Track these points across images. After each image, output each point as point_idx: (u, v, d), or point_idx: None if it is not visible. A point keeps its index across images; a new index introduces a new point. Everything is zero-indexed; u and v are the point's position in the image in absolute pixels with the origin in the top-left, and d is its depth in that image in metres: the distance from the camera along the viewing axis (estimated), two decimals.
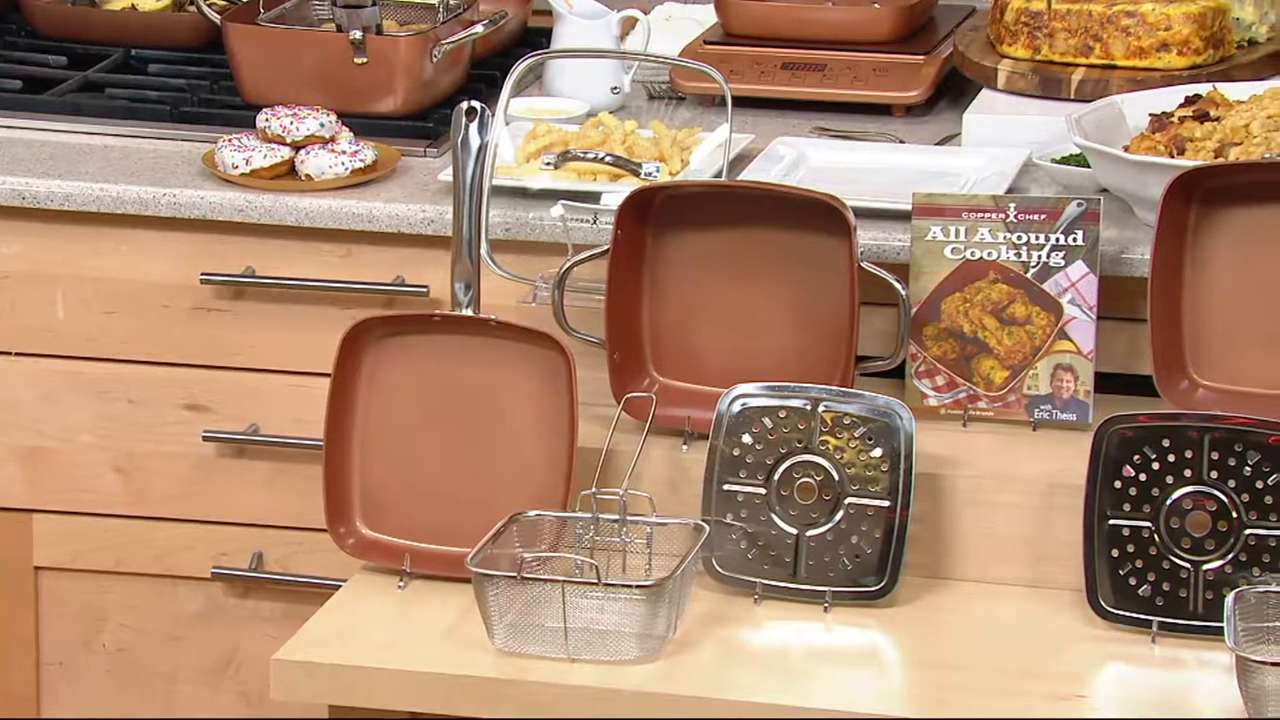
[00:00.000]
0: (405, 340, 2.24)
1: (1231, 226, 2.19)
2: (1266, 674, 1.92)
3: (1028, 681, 2.02)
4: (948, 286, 2.28)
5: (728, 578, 2.17)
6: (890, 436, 2.14)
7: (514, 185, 2.45)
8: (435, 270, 2.43)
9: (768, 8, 2.76)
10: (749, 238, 2.27)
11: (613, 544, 2.14)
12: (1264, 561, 2.06)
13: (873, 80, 2.64)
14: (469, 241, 2.22)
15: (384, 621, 2.14)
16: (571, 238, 2.35)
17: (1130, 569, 2.09)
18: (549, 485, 2.18)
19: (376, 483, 2.24)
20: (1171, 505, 2.08)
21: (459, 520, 2.19)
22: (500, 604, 2.06)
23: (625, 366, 2.29)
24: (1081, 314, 2.25)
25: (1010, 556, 2.17)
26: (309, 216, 2.47)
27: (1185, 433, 2.08)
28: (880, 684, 2.06)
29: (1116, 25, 2.53)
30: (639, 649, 2.05)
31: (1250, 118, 2.31)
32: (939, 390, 2.29)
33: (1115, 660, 2.06)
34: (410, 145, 2.59)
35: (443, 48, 2.64)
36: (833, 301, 2.24)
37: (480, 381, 2.22)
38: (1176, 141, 2.32)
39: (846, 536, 2.15)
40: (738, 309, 2.27)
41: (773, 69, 2.67)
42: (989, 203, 2.27)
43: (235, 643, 2.56)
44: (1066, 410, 2.26)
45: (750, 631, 2.11)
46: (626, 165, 2.44)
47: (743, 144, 2.51)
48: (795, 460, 2.16)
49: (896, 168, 2.47)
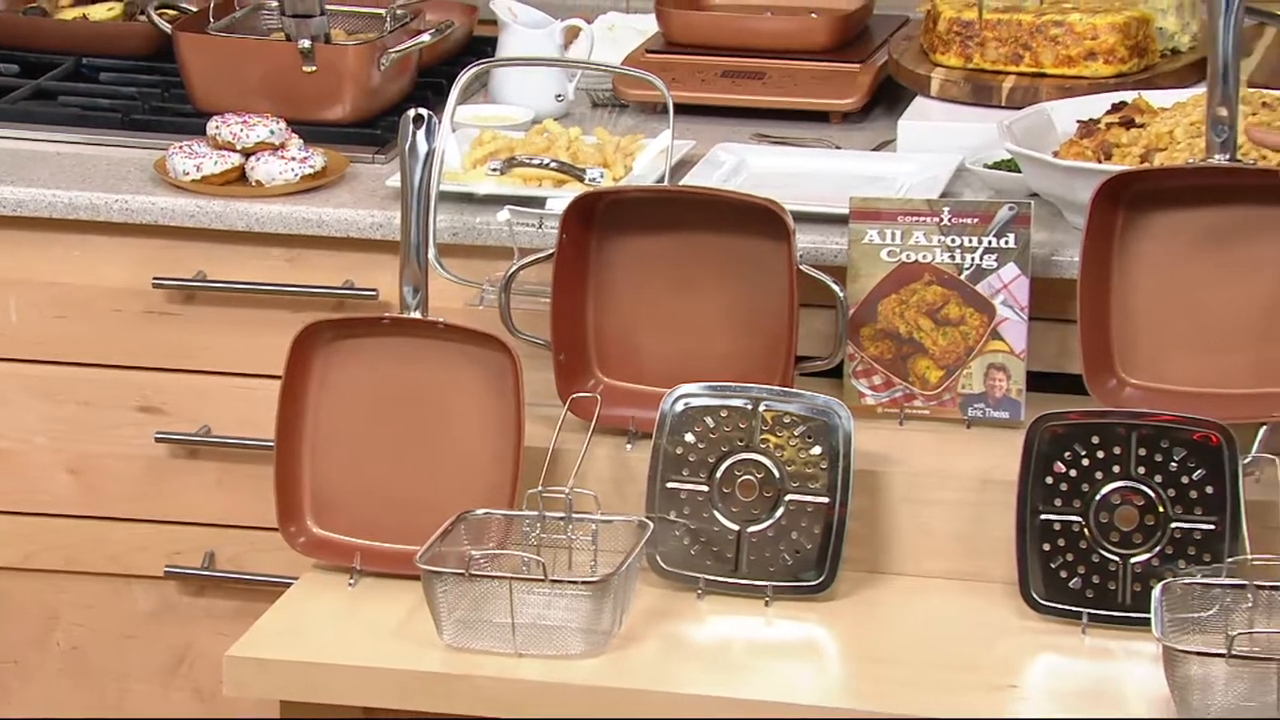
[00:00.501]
0: (355, 343, 2.23)
1: (1157, 229, 2.21)
2: (1192, 663, 1.93)
3: (962, 672, 2.03)
4: (884, 288, 2.29)
5: (671, 573, 2.17)
6: (829, 435, 2.15)
7: (461, 191, 2.45)
8: (384, 274, 2.42)
9: (708, 18, 2.77)
10: (691, 241, 2.27)
11: (559, 541, 2.14)
12: (1189, 554, 2.08)
13: (810, 88, 2.65)
14: (417, 246, 2.22)
15: (335, 618, 2.14)
16: (517, 242, 2.35)
17: (1061, 562, 2.10)
18: (496, 484, 2.18)
19: (327, 482, 2.23)
20: (1101, 500, 2.10)
21: (408, 519, 2.18)
22: (449, 600, 2.06)
23: (570, 367, 2.29)
24: (1013, 315, 2.26)
25: (945, 551, 2.18)
26: (259, 222, 2.46)
27: (1114, 430, 2.10)
28: (819, 676, 2.07)
29: (1045, 35, 2.54)
30: (585, 643, 2.06)
31: (1174, 124, 2.33)
32: (876, 389, 2.30)
33: (1046, 651, 2.07)
34: (359, 152, 2.58)
35: (390, 56, 2.63)
36: (772, 303, 2.24)
37: (428, 383, 2.21)
38: (1104, 147, 2.34)
39: (787, 532, 2.15)
40: (680, 311, 2.27)
41: (713, 77, 2.67)
42: (923, 207, 2.28)
43: (188, 640, 2.55)
44: (999, 408, 2.28)
45: (693, 626, 2.12)
46: (571, 171, 2.45)
47: (684, 150, 2.51)
48: (737, 458, 2.17)
49: (834, 173, 2.48)
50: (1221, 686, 1.92)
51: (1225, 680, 1.92)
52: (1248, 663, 1.92)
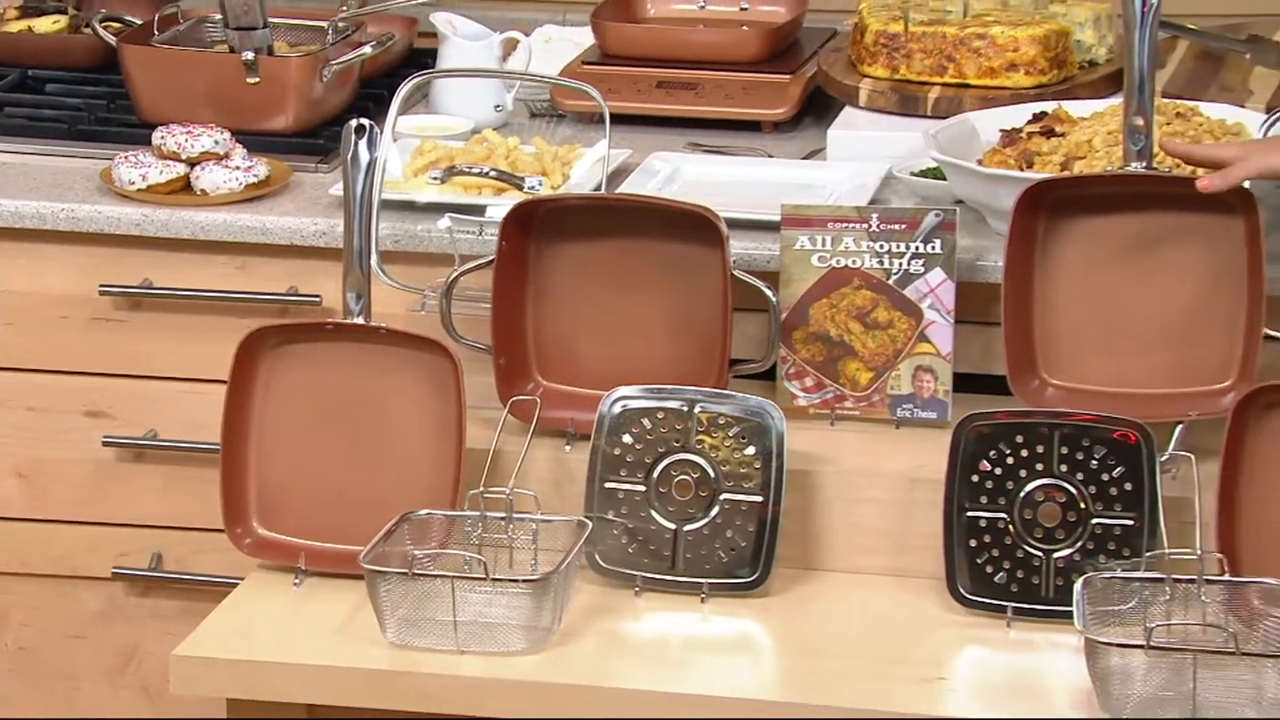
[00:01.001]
0: (299, 348, 2.23)
1: (1077, 235, 2.22)
2: (1112, 654, 1.95)
3: (892, 665, 2.04)
4: (815, 293, 2.30)
5: (609, 571, 2.18)
6: (762, 435, 2.16)
7: (402, 199, 2.44)
8: (327, 280, 2.42)
9: (642, 30, 2.78)
10: (627, 248, 2.28)
11: (500, 541, 2.14)
12: (1110, 549, 2.09)
13: (742, 98, 2.66)
14: (359, 253, 2.21)
15: (280, 617, 2.13)
16: (458, 249, 2.35)
17: (987, 558, 2.12)
18: (438, 485, 2.18)
19: (272, 484, 2.23)
20: (1025, 497, 2.11)
21: (352, 519, 2.18)
22: (392, 599, 2.06)
23: (510, 371, 2.29)
24: (940, 318, 2.28)
25: (875, 547, 2.19)
26: (204, 230, 2.45)
27: (1037, 429, 2.11)
28: (754, 670, 2.08)
29: (968, 47, 2.56)
30: (525, 640, 2.06)
31: (1092, 133, 2.35)
32: (808, 391, 2.31)
33: (973, 644, 2.08)
34: (302, 161, 2.58)
35: (332, 68, 2.63)
36: (707, 308, 2.25)
37: (372, 387, 2.21)
38: (1025, 155, 2.36)
39: (722, 531, 2.16)
40: (617, 315, 2.28)
41: (648, 88, 2.68)
42: (852, 213, 2.30)
43: (135, 640, 2.54)
44: (927, 409, 2.29)
45: (631, 622, 2.12)
46: (510, 179, 2.45)
47: (620, 159, 2.52)
48: (673, 459, 2.18)
49: (765, 181, 2.49)
50: (1141, 677, 1.94)
51: (1144, 671, 1.94)
52: (1165, 654, 1.93)
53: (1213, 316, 2.18)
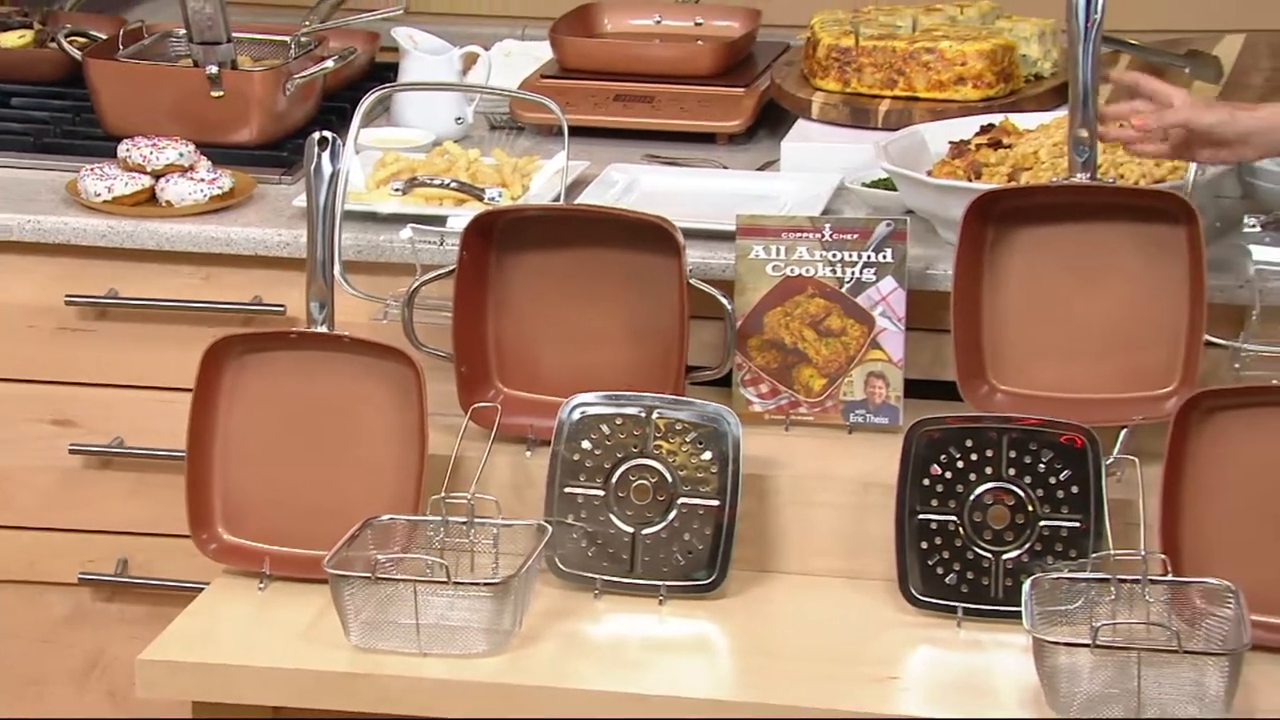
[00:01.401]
0: (263, 356, 2.23)
1: (1024, 244, 2.24)
2: (1059, 653, 1.96)
3: (846, 665, 2.05)
4: (769, 301, 2.31)
5: (569, 574, 2.18)
6: (719, 441, 2.17)
7: (365, 210, 2.45)
8: (291, 290, 2.42)
9: (600, 44, 2.79)
10: (586, 257, 2.28)
11: (461, 545, 2.14)
12: (1057, 550, 2.11)
13: (698, 111, 2.67)
14: (323, 263, 2.21)
15: (245, 622, 2.13)
16: (420, 258, 2.35)
17: (938, 559, 2.13)
18: (401, 491, 2.18)
19: (237, 490, 2.22)
20: (974, 500, 2.13)
21: (316, 525, 2.18)
22: (355, 603, 2.06)
23: (471, 378, 2.29)
24: (891, 325, 2.29)
25: (829, 550, 2.20)
26: (169, 241, 2.45)
27: (986, 434, 2.13)
28: (711, 671, 2.08)
29: (918, 61, 2.58)
30: (487, 643, 2.06)
31: (1038, 145, 2.37)
32: (763, 397, 2.32)
33: (924, 644, 2.10)
34: (266, 173, 2.58)
35: (295, 82, 2.63)
36: (664, 316, 2.26)
37: (335, 394, 2.21)
38: (973, 167, 2.37)
39: (679, 534, 2.17)
40: (576, 324, 2.29)
41: (605, 101, 2.69)
42: (806, 223, 2.31)
43: (102, 645, 2.53)
44: (879, 414, 2.30)
45: (590, 624, 2.13)
46: (471, 191, 2.45)
47: (579, 170, 2.53)
48: (631, 464, 2.18)
49: (721, 192, 2.50)
50: (1087, 675, 1.96)
51: (1090, 669, 1.95)
52: (1111, 652, 1.95)
53: (1156, 323, 2.20)
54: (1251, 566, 2.04)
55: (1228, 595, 2.00)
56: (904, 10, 2.71)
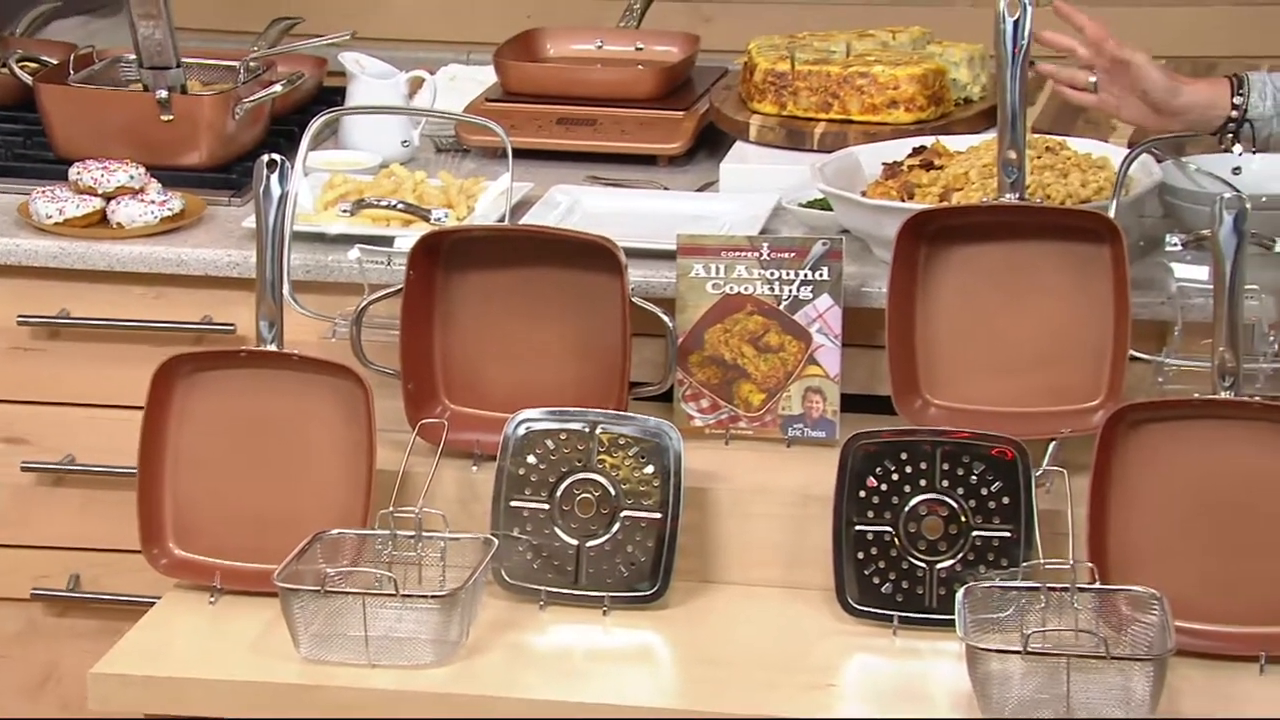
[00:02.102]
0: (214, 374, 2.23)
1: (956, 262, 2.26)
2: (991, 660, 1.98)
3: (785, 673, 2.07)
4: (709, 318, 2.32)
5: (515, 586, 2.19)
6: (661, 455, 2.18)
7: (313, 231, 2.45)
8: (241, 310, 2.42)
9: (543, 69, 2.80)
10: (531, 276, 2.29)
11: (409, 558, 2.15)
12: (989, 560, 2.12)
13: (638, 133, 2.69)
14: (272, 283, 2.22)
15: (196, 635, 2.12)
16: (367, 278, 2.35)
17: (874, 569, 2.14)
18: (350, 506, 2.18)
19: (188, 506, 2.22)
20: (909, 511, 2.14)
21: (266, 540, 2.18)
22: (305, 616, 2.06)
23: (419, 395, 2.30)
24: (828, 342, 2.31)
25: (768, 561, 2.21)
26: (120, 262, 2.45)
27: (920, 447, 2.14)
28: (654, 680, 2.09)
29: (852, 85, 2.60)
30: (434, 654, 2.07)
31: (969, 166, 2.40)
32: (703, 412, 2.33)
33: (861, 652, 2.11)
34: (215, 195, 2.58)
35: (244, 105, 2.63)
36: (607, 333, 2.27)
37: (284, 411, 2.21)
38: (906, 187, 2.40)
39: (623, 546, 2.18)
40: (521, 341, 2.29)
41: (548, 123, 2.70)
42: (745, 243, 2.32)
43: (54, 659, 2.51)
44: (816, 428, 2.32)
45: (536, 635, 2.13)
46: (417, 211, 2.46)
47: (523, 191, 2.54)
48: (575, 478, 2.19)
49: (662, 212, 2.52)
50: (1018, 681, 1.97)
51: (1022, 675, 1.97)
52: (1041, 658, 1.97)
53: (1083, 339, 2.22)
54: (1175, 574, 2.06)
55: (1152, 602, 2.03)
56: (838, 36, 2.73)
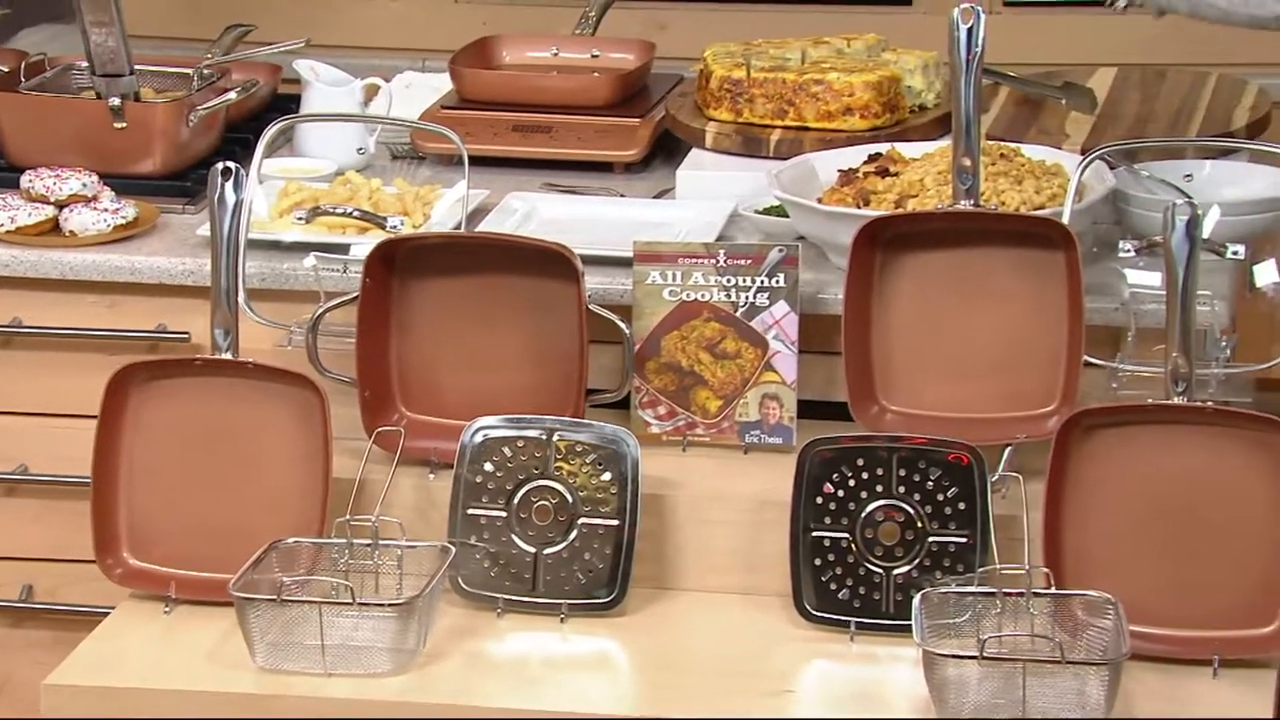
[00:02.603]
0: (169, 383, 2.22)
1: (912, 269, 2.27)
2: (948, 665, 1.99)
3: (742, 679, 2.07)
4: (666, 325, 2.33)
5: (472, 594, 2.19)
6: (618, 462, 2.18)
7: (269, 239, 2.44)
8: (196, 318, 2.41)
9: (498, 76, 2.80)
10: (487, 284, 2.29)
11: (366, 566, 2.14)
12: (945, 565, 2.13)
13: (594, 141, 2.69)
14: (227, 291, 2.21)
15: (150, 645, 2.11)
16: (323, 286, 2.35)
17: (831, 575, 2.15)
18: (306, 514, 2.17)
19: (142, 516, 2.21)
20: (866, 517, 2.15)
21: (222, 549, 2.17)
22: (261, 625, 2.05)
23: (375, 403, 2.29)
24: (785, 348, 2.31)
25: (726, 567, 2.21)
26: (74, 270, 2.43)
27: (876, 453, 2.15)
28: (612, 687, 2.09)
29: (807, 92, 2.61)
30: (391, 662, 2.06)
31: (924, 173, 2.41)
32: (661, 419, 2.34)
33: (818, 657, 2.11)
34: (169, 203, 2.57)
35: (198, 113, 2.62)
36: (564, 340, 2.27)
37: (240, 420, 2.20)
38: (862, 194, 2.40)
39: (580, 553, 2.18)
40: (478, 348, 2.29)
41: (504, 131, 2.70)
42: (701, 250, 2.33)
43: (8, 670, 2.50)
44: (773, 435, 2.32)
45: (493, 643, 2.13)
46: (373, 219, 2.45)
47: (479, 199, 2.53)
48: (533, 485, 2.19)
49: (618, 219, 2.52)
50: (974, 686, 1.98)
51: (978, 680, 1.98)
52: (997, 663, 1.98)
53: (1037, 345, 2.23)
54: (1129, 578, 2.08)
55: (1107, 607, 2.04)
56: (793, 43, 2.74)
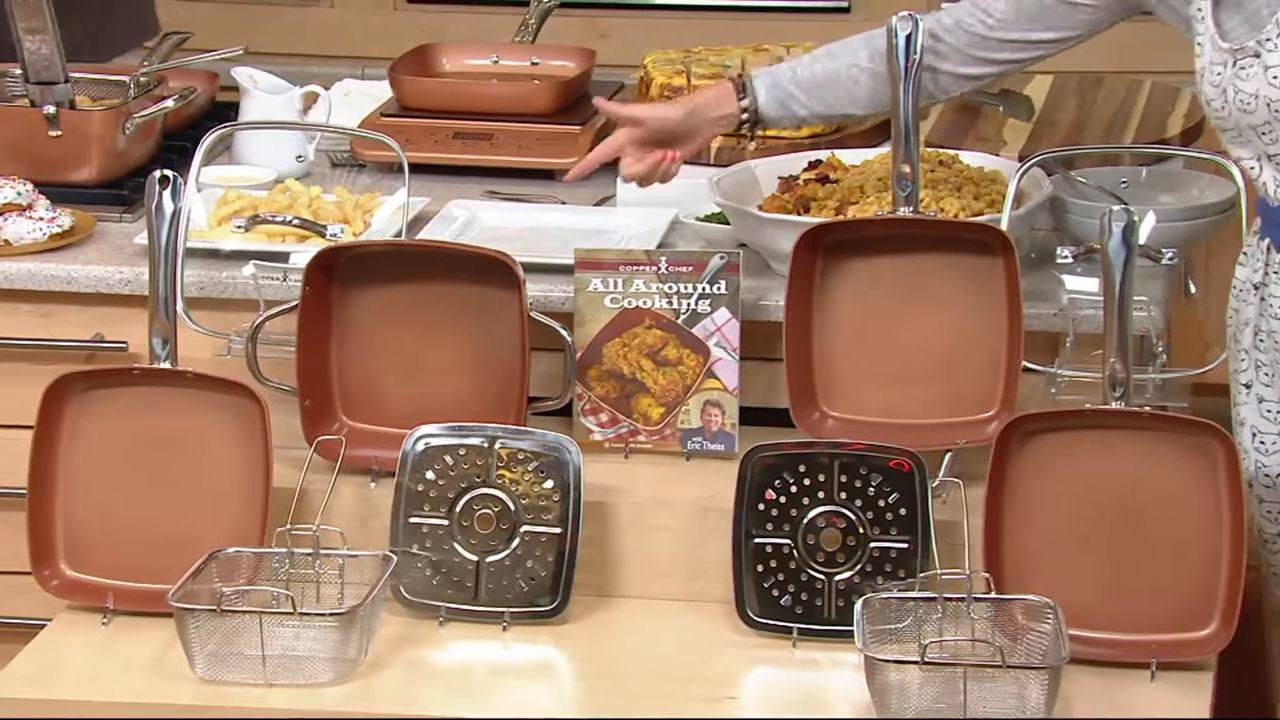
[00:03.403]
0: (106, 393, 2.21)
1: (852, 275, 2.28)
2: (890, 670, 2.00)
3: (686, 685, 2.07)
4: (608, 333, 2.33)
5: (414, 603, 2.18)
6: (560, 469, 2.18)
7: (207, 247, 2.43)
8: (134, 327, 2.39)
9: (438, 83, 2.80)
10: (428, 292, 2.29)
11: (307, 576, 2.14)
12: (887, 571, 2.15)
13: (535, 148, 2.69)
14: (165, 300, 2.20)
15: (88, 657, 2.10)
16: (263, 294, 2.34)
17: (773, 581, 2.16)
18: (246, 524, 2.17)
19: (80, 526, 2.20)
20: (808, 524, 2.16)
21: (162, 559, 2.16)
22: (201, 635, 2.05)
23: (316, 412, 2.29)
24: (726, 355, 2.32)
25: (669, 574, 2.22)
26: (8, 279, 2.42)
27: (818, 459, 2.16)
28: (555, 694, 2.10)
29: None
30: (333, 672, 2.06)
31: (863, 180, 2.42)
32: (603, 426, 2.34)
33: (761, 664, 2.12)
34: (106, 212, 2.55)
35: (135, 121, 2.61)
36: (506, 348, 2.27)
37: (179, 429, 2.19)
38: (802, 201, 2.42)
39: (522, 561, 2.18)
40: (419, 356, 2.29)
41: (445, 138, 2.70)
42: (642, 257, 2.34)
43: None
44: (715, 441, 2.33)
45: (436, 651, 2.13)
46: (313, 227, 2.45)
47: (420, 206, 2.53)
48: (475, 493, 2.19)
49: (560, 227, 2.52)
50: (916, 690, 1.99)
51: (919, 685, 1.99)
52: (938, 668, 1.99)
53: (977, 350, 2.25)
54: (1068, 582, 2.09)
55: (1047, 611, 2.05)
56: (733, 50, 2.75)
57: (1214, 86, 2.09)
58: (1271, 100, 2.05)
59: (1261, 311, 2.17)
